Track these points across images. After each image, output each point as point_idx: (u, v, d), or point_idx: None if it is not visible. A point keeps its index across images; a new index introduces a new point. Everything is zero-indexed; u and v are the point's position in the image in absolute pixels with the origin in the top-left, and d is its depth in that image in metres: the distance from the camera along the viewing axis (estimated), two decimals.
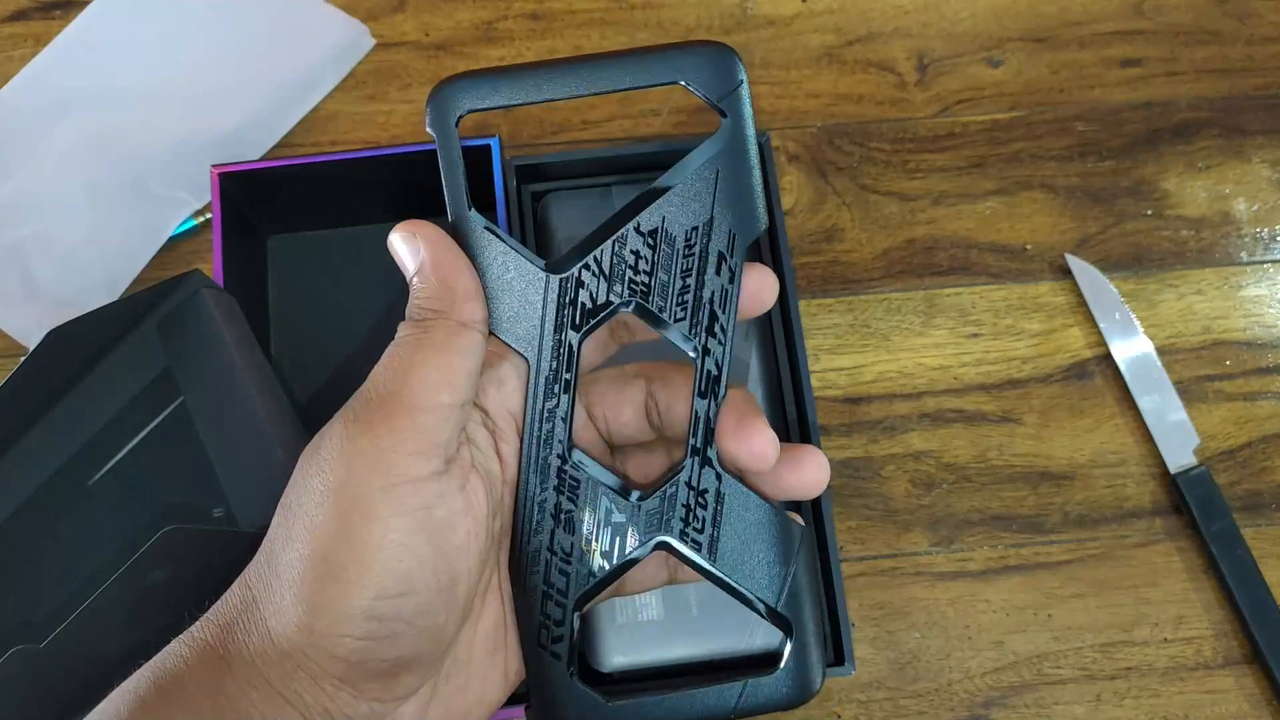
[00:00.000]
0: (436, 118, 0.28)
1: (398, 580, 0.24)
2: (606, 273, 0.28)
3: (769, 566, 0.29)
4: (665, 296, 0.28)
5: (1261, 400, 0.50)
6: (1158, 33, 0.56)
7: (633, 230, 0.28)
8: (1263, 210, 0.54)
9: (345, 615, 0.24)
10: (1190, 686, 0.46)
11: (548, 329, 0.28)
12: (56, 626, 0.37)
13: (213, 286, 0.40)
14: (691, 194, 0.28)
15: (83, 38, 0.55)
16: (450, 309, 0.27)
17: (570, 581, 0.29)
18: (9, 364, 0.50)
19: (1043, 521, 0.49)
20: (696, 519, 0.29)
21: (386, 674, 0.25)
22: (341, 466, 0.25)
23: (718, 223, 0.28)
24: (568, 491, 0.29)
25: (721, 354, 0.29)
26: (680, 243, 0.28)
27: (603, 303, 0.28)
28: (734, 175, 0.28)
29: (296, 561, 0.25)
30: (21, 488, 0.39)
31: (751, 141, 0.28)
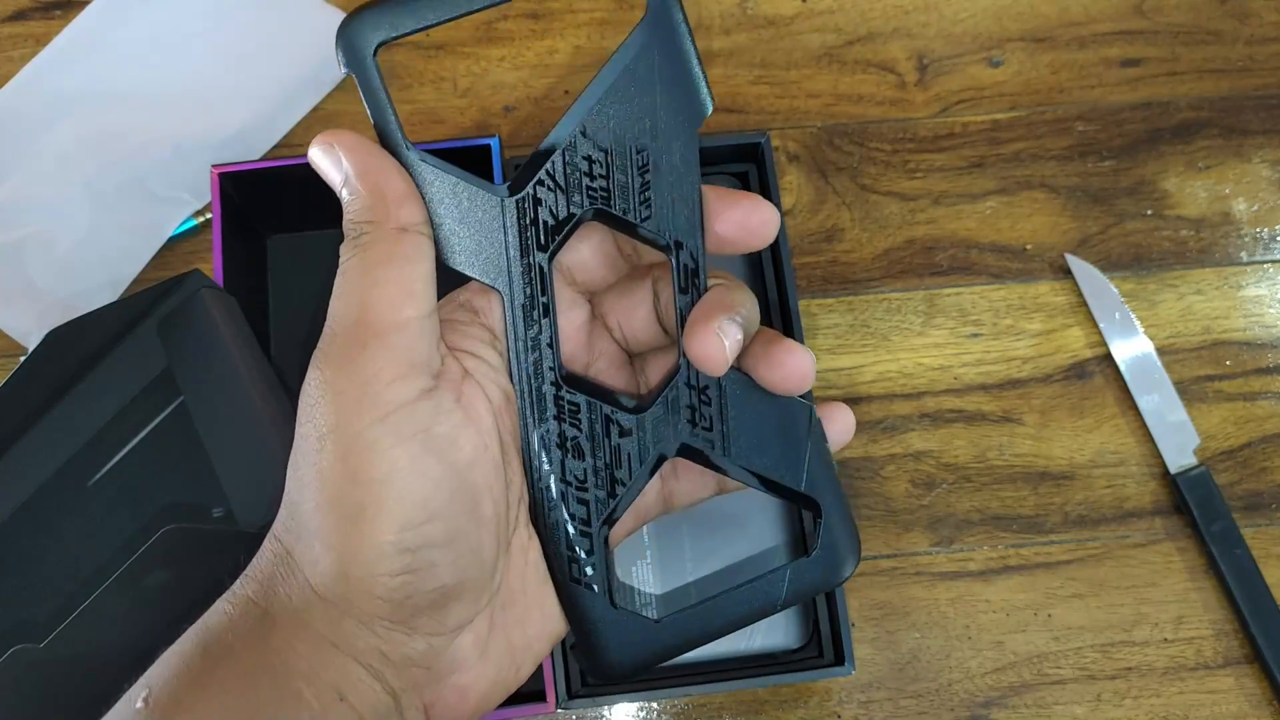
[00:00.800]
0: (349, 55, 0.26)
1: (417, 508, 0.24)
2: (562, 185, 0.27)
3: (785, 450, 0.28)
4: (626, 198, 0.27)
5: (1261, 400, 0.50)
6: (1158, 33, 0.56)
7: (579, 136, 0.27)
8: (1263, 210, 0.54)
9: (376, 555, 0.23)
10: (1190, 686, 0.46)
11: (513, 255, 0.27)
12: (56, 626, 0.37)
13: (213, 286, 0.40)
14: (631, 89, 0.27)
15: (83, 38, 0.55)
16: (386, 216, 0.25)
17: (591, 508, 0.28)
18: (9, 364, 0.50)
19: (1043, 521, 0.49)
20: (703, 417, 0.28)
21: (434, 605, 0.25)
22: (330, 410, 0.24)
23: (663, 113, 0.27)
24: (568, 417, 0.28)
25: (694, 246, 0.27)
26: (630, 140, 0.27)
27: (564, 216, 0.27)
28: (668, 59, 0.27)
29: (314, 512, 0.24)
30: (21, 488, 0.39)
31: (681, 24, 0.27)
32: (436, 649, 0.25)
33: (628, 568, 0.44)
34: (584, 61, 0.55)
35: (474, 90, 0.55)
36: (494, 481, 0.26)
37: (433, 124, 0.55)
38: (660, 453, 0.28)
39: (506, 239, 0.27)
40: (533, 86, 0.55)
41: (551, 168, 0.27)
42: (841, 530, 0.29)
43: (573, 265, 0.29)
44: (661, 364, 0.30)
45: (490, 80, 0.55)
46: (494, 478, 0.26)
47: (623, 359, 0.31)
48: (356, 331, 0.24)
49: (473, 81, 0.55)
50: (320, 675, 0.24)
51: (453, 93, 0.55)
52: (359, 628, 0.24)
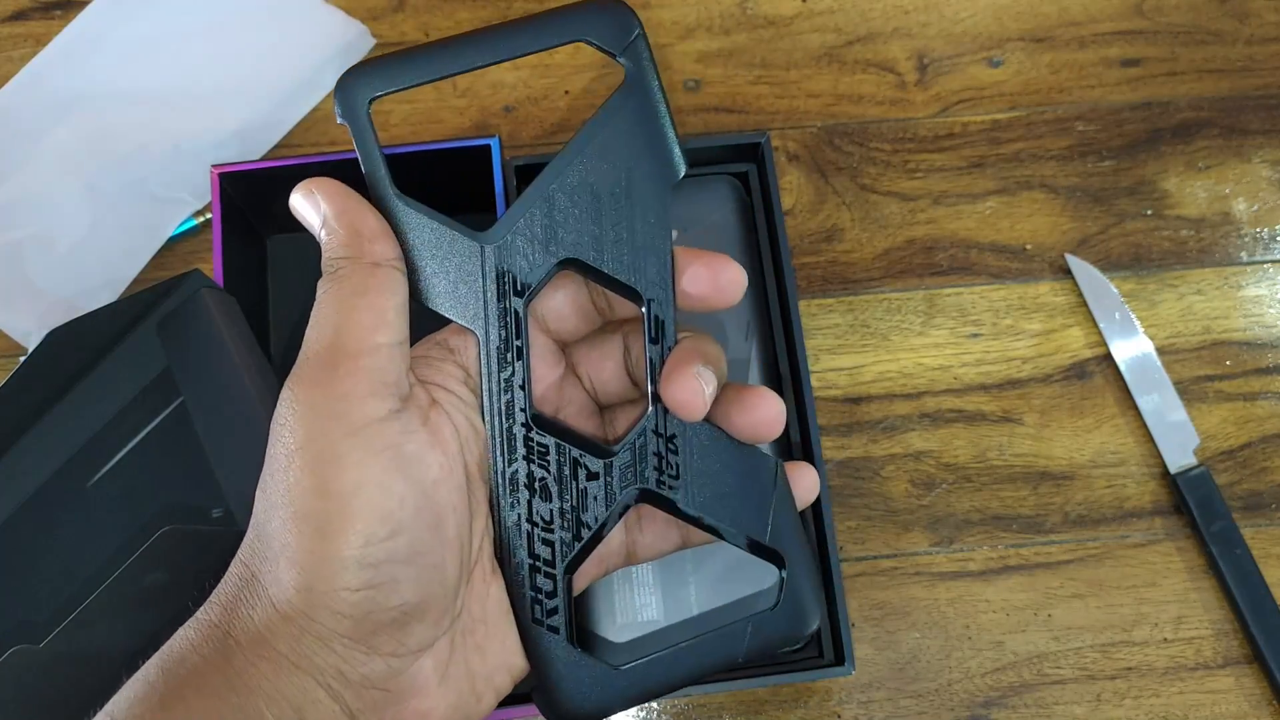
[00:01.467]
0: (345, 108, 0.28)
1: (382, 522, 0.24)
2: (540, 235, 0.28)
3: (749, 503, 0.29)
4: (601, 250, 0.28)
5: (1261, 400, 0.50)
6: (1158, 33, 0.56)
7: (557, 191, 0.28)
8: (1263, 210, 0.54)
9: (340, 568, 0.24)
10: (1190, 686, 0.46)
11: (490, 299, 0.28)
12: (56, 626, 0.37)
13: (213, 286, 0.40)
14: (608, 149, 0.28)
15: (83, 38, 0.55)
16: (361, 252, 0.27)
17: (555, 550, 0.29)
18: (9, 364, 0.50)
19: (1043, 521, 0.49)
20: (670, 465, 0.29)
21: (395, 624, 0.25)
22: (300, 426, 0.25)
23: (637, 172, 0.28)
24: (537, 458, 0.29)
25: (664, 298, 0.29)
26: (606, 196, 0.28)
27: (540, 263, 0.28)
28: (644, 124, 0.28)
29: (281, 528, 0.25)
30: (21, 488, 0.39)
31: (656, 89, 0.28)
32: (395, 670, 0.25)
33: (628, 572, 0.44)
34: (584, 61, 0.55)
35: (474, 90, 0.55)
36: (458, 503, 0.27)
37: (432, 124, 0.55)
38: (626, 498, 0.29)
39: (485, 283, 0.28)
40: (532, 87, 0.55)
41: (530, 218, 0.28)
42: (805, 586, 0.29)
43: (546, 313, 0.30)
44: (629, 416, 0.31)
45: (490, 80, 0.55)
46: (458, 500, 0.27)
47: (591, 408, 0.32)
48: (329, 355, 0.25)
49: (472, 81, 0.55)
50: (281, 695, 0.24)
51: (452, 93, 0.55)
52: (320, 646, 0.24)
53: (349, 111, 0.28)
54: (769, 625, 0.29)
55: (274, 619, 0.24)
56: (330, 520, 0.24)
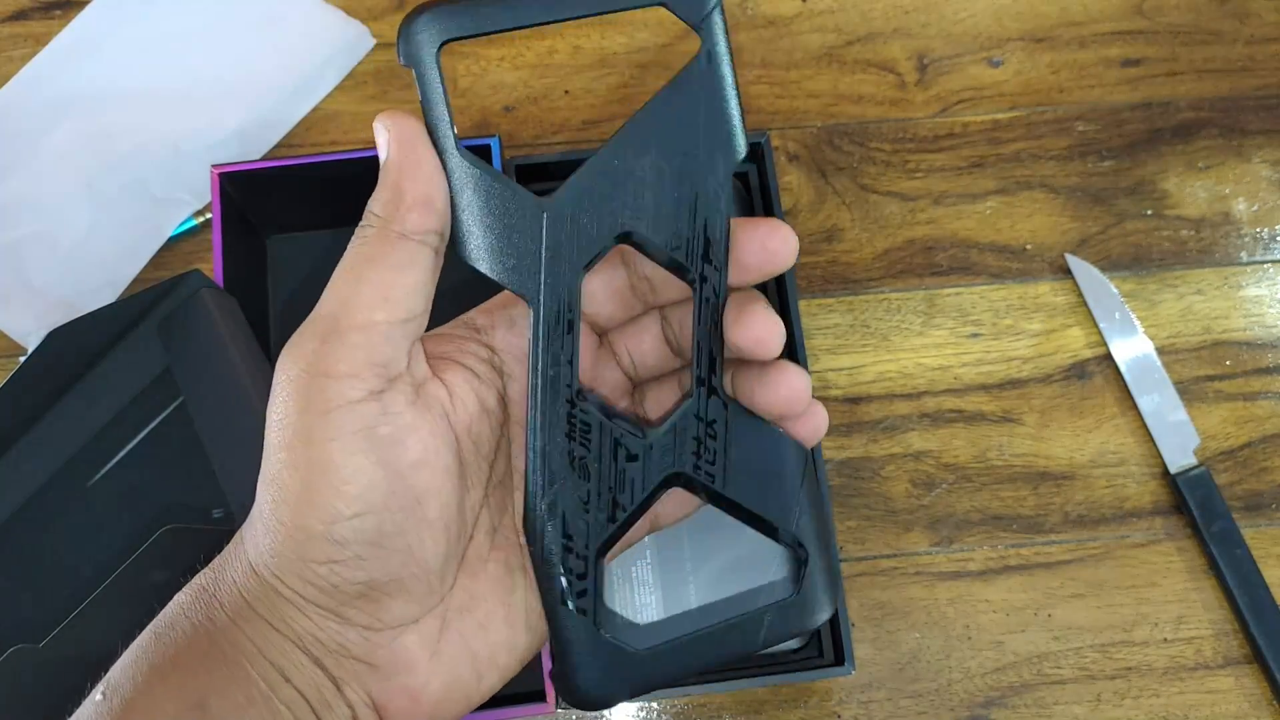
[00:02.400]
0: (410, 50, 0.26)
1: (348, 503, 0.24)
2: (598, 205, 0.27)
3: (779, 491, 0.29)
4: (658, 226, 0.28)
5: (1261, 400, 0.50)
6: (1158, 33, 0.56)
7: (620, 161, 0.28)
8: (1263, 210, 0.54)
9: (304, 539, 0.24)
10: (1190, 686, 0.46)
11: (546, 267, 0.27)
12: (56, 626, 0.37)
13: (213, 286, 0.40)
14: (673, 122, 0.28)
15: (83, 38, 0.55)
16: (393, 217, 0.25)
17: (590, 530, 0.28)
18: (9, 364, 0.50)
19: (1043, 521, 0.49)
20: (708, 450, 0.28)
21: (364, 599, 0.25)
22: (286, 397, 0.25)
23: (704, 149, 0.28)
24: (579, 437, 0.28)
25: (719, 280, 0.28)
26: (668, 172, 0.28)
27: (596, 235, 0.27)
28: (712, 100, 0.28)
29: (263, 495, 0.25)
30: (21, 488, 0.39)
31: (728, 65, 0.28)
32: (374, 644, 0.25)
33: (627, 569, 0.44)
34: (584, 61, 0.55)
35: (474, 90, 0.55)
36: (443, 485, 0.26)
37: None
38: (664, 481, 0.29)
39: (541, 251, 0.27)
40: (533, 86, 0.55)
41: (591, 188, 0.27)
42: (823, 577, 0.29)
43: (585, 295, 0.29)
44: (659, 398, 0.31)
45: (490, 80, 0.55)
46: (443, 482, 0.26)
47: (625, 388, 0.31)
48: (326, 324, 0.25)
49: (473, 81, 0.55)
50: (264, 655, 0.25)
51: (453, 93, 0.55)
52: (295, 612, 0.25)
53: (415, 55, 0.27)
54: (787, 614, 0.29)
55: (253, 584, 0.25)
56: (299, 493, 0.24)
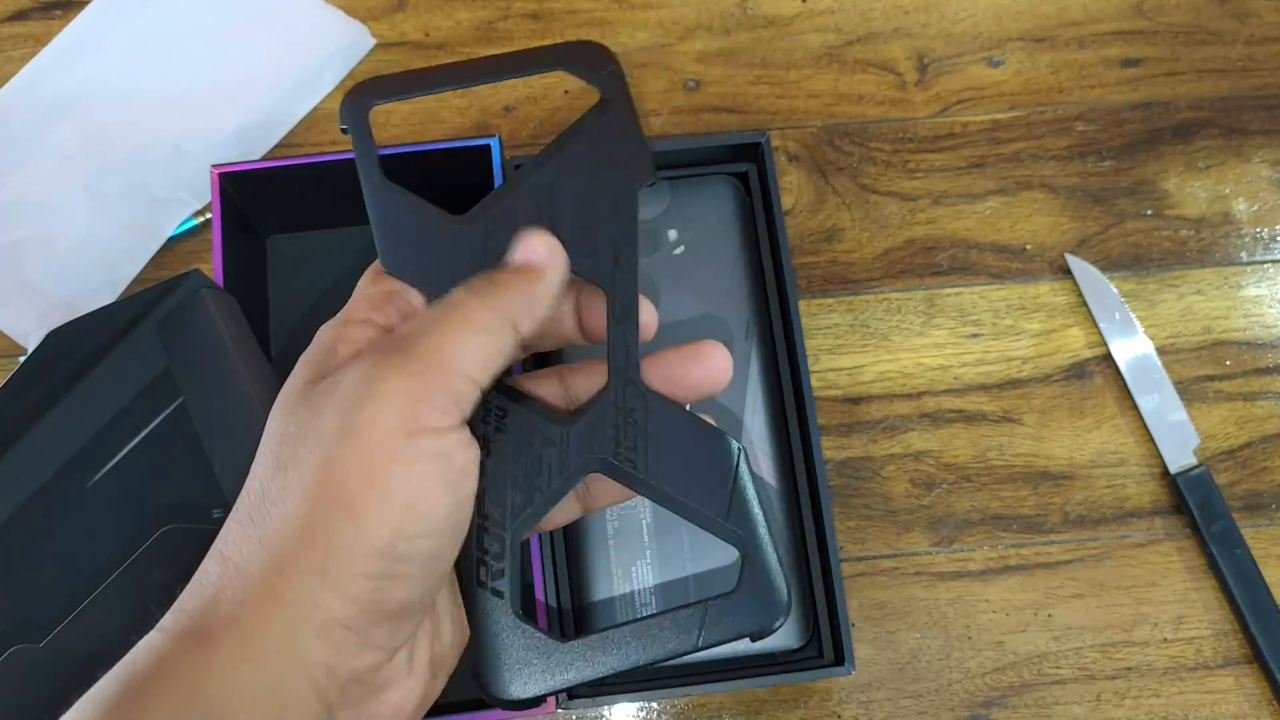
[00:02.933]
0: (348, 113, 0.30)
1: (416, 521, 0.25)
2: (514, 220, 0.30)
3: (709, 480, 0.30)
4: (572, 238, 0.30)
5: (1261, 400, 0.50)
6: (1158, 33, 0.56)
7: (532, 186, 0.30)
8: (1263, 210, 0.54)
9: (364, 553, 0.24)
10: (1190, 686, 0.46)
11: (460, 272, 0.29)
12: (56, 626, 0.37)
13: (212, 286, 0.40)
14: (581, 155, 0.30)
15: (83, 38, 0.55)
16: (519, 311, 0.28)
17: (506, 510, 0.29)
18: (9, 364, 0.50)
19: (1043, 521, 0.49)
20: (628, 438, 0.29)
21: (394, 618, 0.25)
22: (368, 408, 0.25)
23: (607, 176, 0.30)
24: (494, 421, 0.29)
25: (629, 284, 0.30)
26: (576, 196, 0.30)
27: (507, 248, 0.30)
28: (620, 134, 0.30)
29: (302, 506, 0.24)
30: (21, 488, 0.39)
31: (630, 105, 0.30)
32: (380, 663, 0.26)
33: (628, 568, 0.44)
34: None
35: (474, 90, 0.55)
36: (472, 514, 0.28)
37: (433, 124, 0.55)
38: (584, 467, 0.29)
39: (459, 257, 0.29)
40: (532, 86, 0.55)
41: (505, 209, 0.30)
42: (768, 569, 0.30)
43: None
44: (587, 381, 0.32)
45: None
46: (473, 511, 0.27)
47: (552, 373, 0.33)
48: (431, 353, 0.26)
49: None
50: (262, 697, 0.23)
51: (453, 93, 0.55)
52: (314, 638, 0.24)
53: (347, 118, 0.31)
54: (729, 611, 0.29)
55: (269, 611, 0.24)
56: (368, 507, 0.24)
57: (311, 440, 0.25)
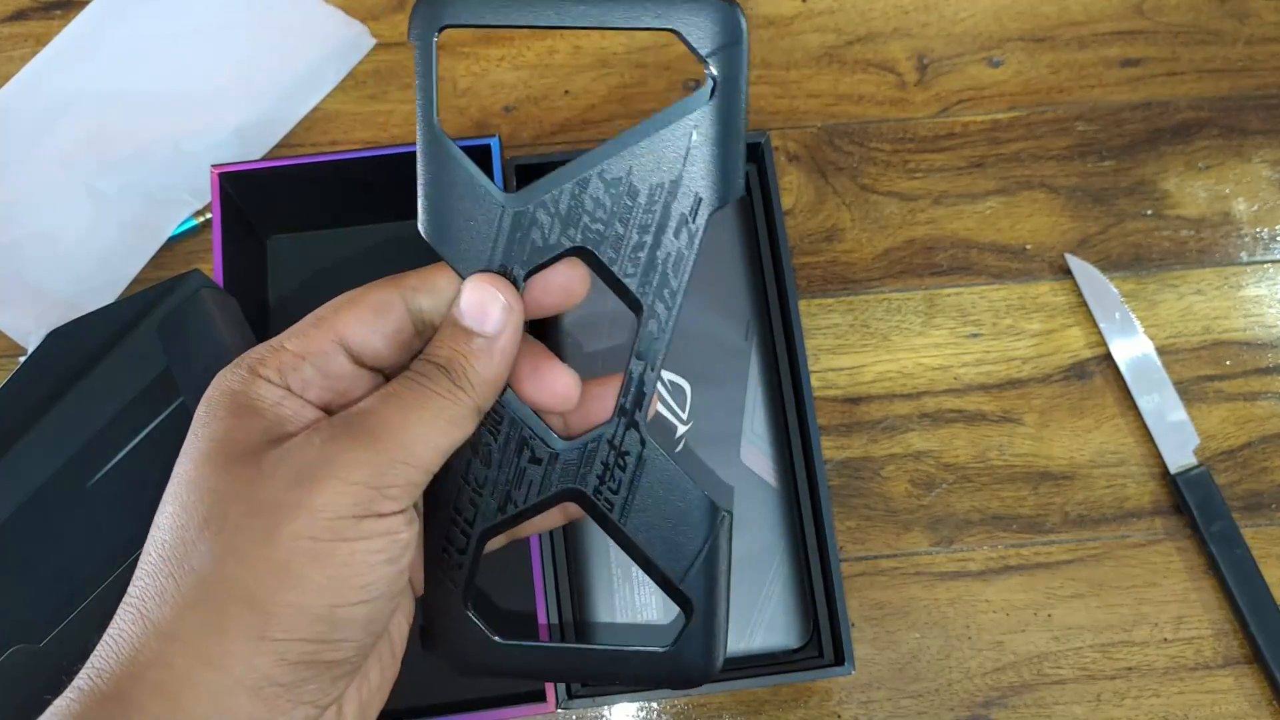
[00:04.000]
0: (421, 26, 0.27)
1: (356, 590, 0.25)
2: (563, 214, 0.27)
3: (680, 543, 0.29)
4: (618, 250, 0.27)
5: (1261, 400, 0.50)
6: (1158, 33, 0.56)
7: (596, 175, 0.27)
8: (1263, 210, 0.54)
9: (303, 620, 0.24)
10: (1190, 686, 0.46)
11: (496, 260, 0.28)
12: (56, 626, 0.37)
13: (212, 286, 0.40)
14: (663, 149, 0.27)
15: (83, 38, 0.55)
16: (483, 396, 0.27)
17: (478, 513, 0.29)
18: (9, 364, 0.50)
19: (1043, 521, 0.49)
20: (613, 478, 0.29)
21: (328, 677, 0.25)
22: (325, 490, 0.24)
23: (685, 184, 0.27)
24: (489, 424, 0.29)
25: (666, 317, 0.28)
26: (643, 197, 0.27)
27: (554, 243, 0.27)
28: (714, 137, 0.27)
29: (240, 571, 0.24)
30: (21, 488, 0.39)
31: (740, 104, 0.27)
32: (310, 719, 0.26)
33: (627, 568, 0.44)
34: (584, 62, 0.55)
35: (474, 90, 0.55)
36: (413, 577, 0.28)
37: None
38: (561, 493, 0.29)
39: (495, 244, 0.28)
40: (533, 87, 0.55)
41: (559, 195, 0.27)
42: (702, 639, 0.29)
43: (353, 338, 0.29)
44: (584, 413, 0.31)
45: (490, 80, 0.55)
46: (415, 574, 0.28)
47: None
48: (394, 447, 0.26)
49: (473, 81, 0.55)
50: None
51: (453, 93, 0.55)
52: (247, 698, 0.24)
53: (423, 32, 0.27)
54: (656, 664, 0.29)
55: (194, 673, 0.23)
56: (309, 580, 0.24)
57: (256, 507, 0.24)
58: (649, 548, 0.29)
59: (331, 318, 0.27)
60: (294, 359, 0.27)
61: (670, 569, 0.29)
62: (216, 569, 0.24)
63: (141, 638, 0.24)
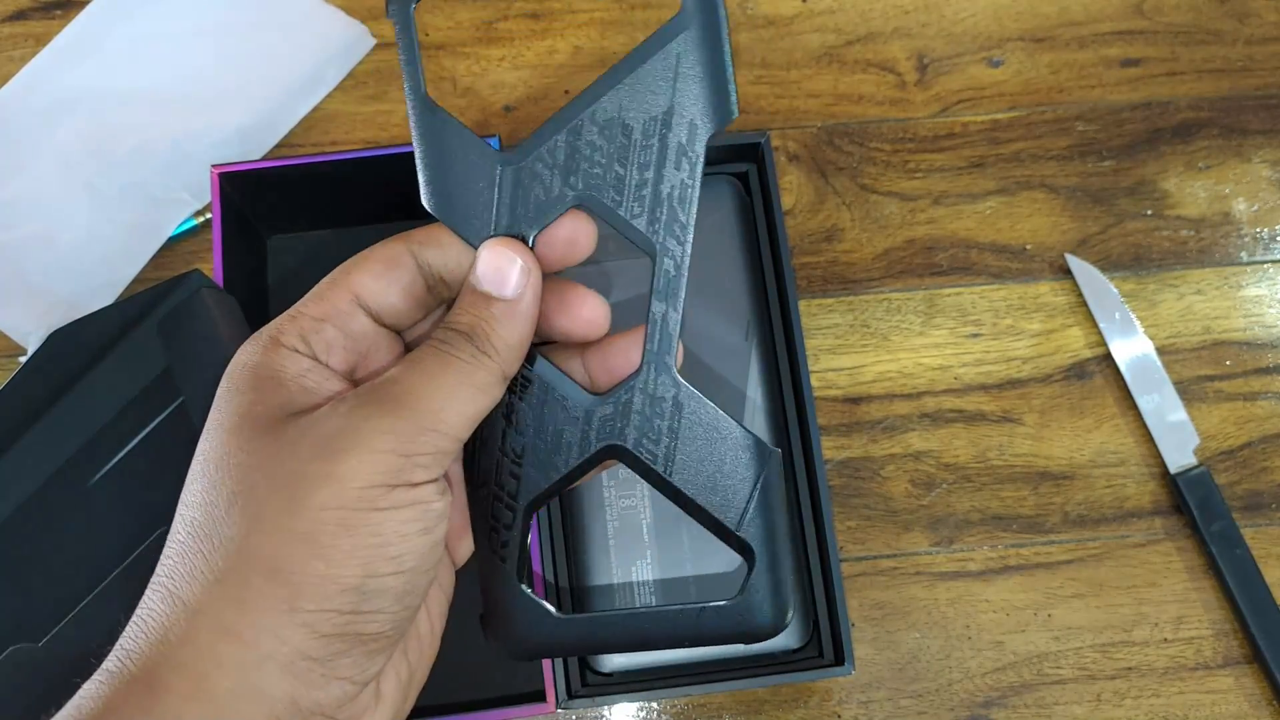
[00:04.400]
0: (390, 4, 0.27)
1: (388, 564, 0.24)
2: (561, 164, 0.27)
3: (731, 486, 0.28)
4: (621, 191, 0.27)
5: (1261, 400, 0.50)
6: (1158, 33, 0.56)
7: (588, 119, 0.27)
8: (1263, 210, 0.54)
9: (334, 590, 0.24)
10: (1190, 686, 0.46)
11: (501, 222, 0.27)
12: (56, 626, 0.37)
13: (212, 286, 0.40)
14: (650, 81, 0.26)
15: (83, 38, 0.55)
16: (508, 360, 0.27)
17: (520, 485, 0.28)
18: (9, 364, 0.50)
19: (1043, 521, 0.49)
20: (653, 428, 0.28)
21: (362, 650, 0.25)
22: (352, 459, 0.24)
23: (679, 112, 0.26)
24: (519, 390, 0.28)
25: (680, 254, 0.27)
26: (638, 133, 0.27)
27: (556, 195, 0.27)
28: (700, 59, 0.26)
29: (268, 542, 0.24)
30: (21, 488, 0.39)
31: (720, 20, 0.26)
32: (348, 695, 0.25)
33: (628, 568, 0.44)
34: (584, 61, 0.55)
35: (474, 90, 0.55)
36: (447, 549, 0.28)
37: None
38: (601, 451, 0.28)
39: (497, 206, 0.27)
40: (533, 86, 0.55)
41: (554, 146, 0.27)
42: (773, 584, 0.28)
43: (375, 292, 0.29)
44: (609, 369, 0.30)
45: (490, 80, 0.55)
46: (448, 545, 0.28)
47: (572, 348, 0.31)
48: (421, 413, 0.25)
49: (473, 81, 0.55)
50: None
51: (453, 92, 0.55)
52: (279, 673, 0.23)
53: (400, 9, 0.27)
54: (725, 617, 0.28)
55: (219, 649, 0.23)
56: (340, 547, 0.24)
57: (282, 479, 0.24)
58: (700, 496, 0.28)
59: (344, 278, 0.27)
60: (315, 323, 0.27)
61: (726, 516, 0.28)
62: (243, 543, 0.24)
63: (170, 616, 0.23)
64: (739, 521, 0.28)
